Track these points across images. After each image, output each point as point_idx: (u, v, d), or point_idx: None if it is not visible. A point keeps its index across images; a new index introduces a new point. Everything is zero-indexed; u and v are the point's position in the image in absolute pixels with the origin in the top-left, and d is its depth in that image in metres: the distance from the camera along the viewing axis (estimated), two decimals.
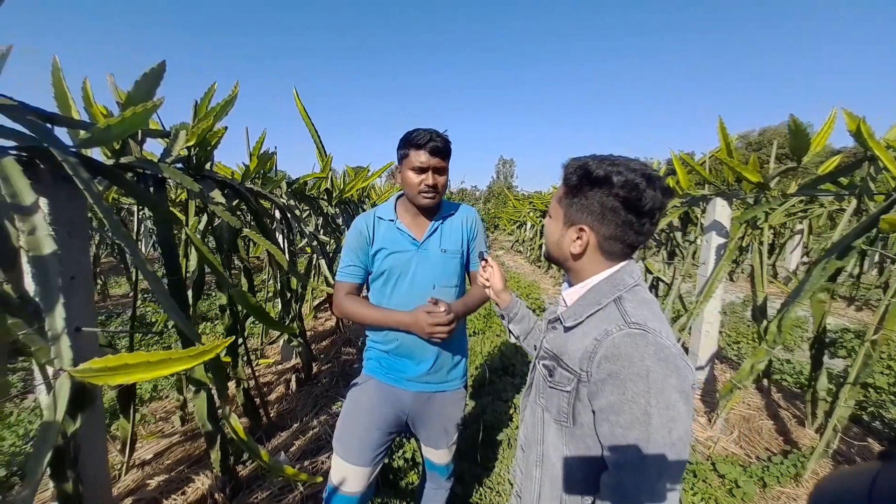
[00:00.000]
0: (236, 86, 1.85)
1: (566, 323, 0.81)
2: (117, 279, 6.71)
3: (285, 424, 2.35)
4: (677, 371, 0.67)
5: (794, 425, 2.43)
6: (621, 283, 0.78)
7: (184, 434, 2.18)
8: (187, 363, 0.84)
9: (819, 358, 2.21)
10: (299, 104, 2.91)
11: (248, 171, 2.24)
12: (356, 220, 1.36)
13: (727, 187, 2.96)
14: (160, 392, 2.75)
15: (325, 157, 3.27)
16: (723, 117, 2.64)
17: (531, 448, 0.88)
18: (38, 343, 0.89)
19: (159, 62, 1.26)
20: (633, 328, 0.70)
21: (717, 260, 2.90)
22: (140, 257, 1.09)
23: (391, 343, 1.31)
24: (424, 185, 1.22)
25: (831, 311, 5.72)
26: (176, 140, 1.58)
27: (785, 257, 7.74)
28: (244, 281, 2.39)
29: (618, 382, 0.67)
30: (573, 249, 0.80)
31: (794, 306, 2.03)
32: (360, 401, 1.32)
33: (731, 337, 4.41)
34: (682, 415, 0.66)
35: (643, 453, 0.64)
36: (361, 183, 4.18)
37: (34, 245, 0.86)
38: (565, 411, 0.78)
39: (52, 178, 1.15)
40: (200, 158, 1.77)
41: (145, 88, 1.26)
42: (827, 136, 2.21)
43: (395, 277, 1.30)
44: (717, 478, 1.96)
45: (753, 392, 2.85)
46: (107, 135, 1.16)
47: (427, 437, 1.38)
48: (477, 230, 1.40)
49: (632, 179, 0.73)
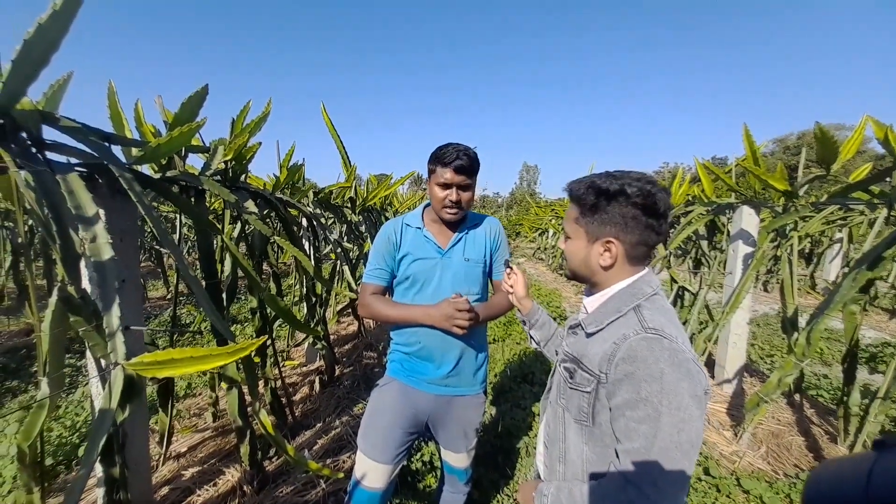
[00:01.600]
0: (269, 103, 1.98)
1: (588, 329, 0.86)
2: (154, 283, 7.11)
3: (309, 424, 2.45)
4: (690, 376, 0.70)
5: (826, 442, 2.33)
6: (640, 293, 0.82)
7: (215, 430, 2.30)
8: (226, 359, 0.93)
9: (852, 372, 2.12)
10: (326, 118, 3.05)
11: (279, 181, 2.38)
12: (385, 225, 1.44)
13: (754, 195, 2.88)
14: (194, 389, 2.91)
15: (349, 168, 3.40)
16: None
17: (554, 445, 0.93)
18: (96, 339, 1.00)
19: (202, 86, 1.38)
20: (650, 333, 0.74)
21: (745, 269, 2.83)
22: (184, 263, 1.20)
23: (413, 346, 1.36)
24: (448, 200, 1.29)
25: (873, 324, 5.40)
26: (215, 155, 1.71)
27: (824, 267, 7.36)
28: (273, 285, 2.53)
29: (633, 382, 0.72)
30: (603, 262, 0.85)
31: (823, 318, 1.96)
32: (383, 400, 1.38)
33: (765, 350, 4.24)
34: (694, 419, 0.69)
35: (650, 444, 0.68)
36: (384, 191, 4.30)
37: (95, 251, 0.98)
38: (585, 411, 0.83)
39: (109, 191, 1.29)
40: (236, 171, 1.91)
41: (189, 110, 1.39)
42: (857, 144, 2.14)
43: (419, 283, 1.36)
44: (742, 493, 1.91)
45: (784, 407, 2.74)
46: (157, 152, 1.29)
47: (447, 440, 1.42)
48: (500, 241, 1.45)
49: (644, 188, 0.80)
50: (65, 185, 0.99)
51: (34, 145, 1.06)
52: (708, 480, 1.97)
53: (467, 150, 1.29)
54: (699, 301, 3.14)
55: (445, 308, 1.25)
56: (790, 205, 2.48)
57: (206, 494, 1.75)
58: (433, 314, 1.27)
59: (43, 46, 0.88)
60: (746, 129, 2.61)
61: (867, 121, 1.91)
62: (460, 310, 1.23)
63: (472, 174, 1.30)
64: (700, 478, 1.99)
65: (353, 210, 3.86)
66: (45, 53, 0.90)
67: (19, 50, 0.84)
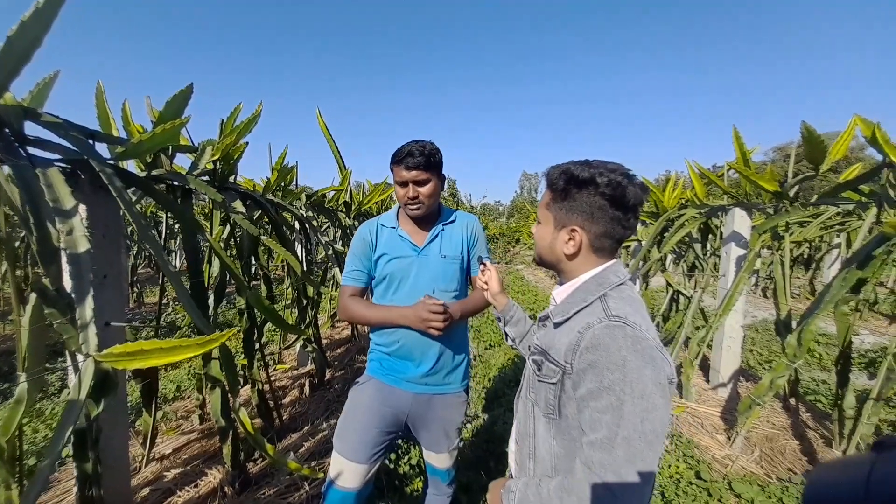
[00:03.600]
0: (260, 105, 2.00)
1: (555, 319, 0.85)
2: (153, 289, 7.12)
3: (297, 427, 2.43)
4: (653, 363, 0.69)
5: (822, 446, 2.29)
6: (607, 282, 0.81)
7: (201, 432, 2.29)
8: (195, 350, 0.92)
9: (845, 374, 2.10)
10: (321, 123, 3.08)
11: (269, 183, 2.39)
12: (360, 227, 1.44)
13: (746, 197, 2.88)
14: (182, 392, 2.90)
15: (344, 171, 3.42)
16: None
17: (524, 441, 0.92)
18: (70, 332, 1.00)
19: (187, 84, 1.40)
20: (613, 321, 0.74)
21: (737, 271, 2.82)
22: (164, 257, 1.20)
23: (393, 345, 1.36)
24: (407, 197, 1.30)
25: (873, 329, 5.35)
26: (203, 155, 1.73)
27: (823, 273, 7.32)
28: (264, 288, 2.53)
29: (596, 371, 0.71)
30: (566, 250, 0.84)
31: (814, 318, 1.94)
32: (359, 400, 1.37)
33: (763, 356, 4.19)
34: (658, 407, 0.68)
35: (613, 434, 0.67)
36: (379, 196, 4.32)
37: (71, 244, 0.98)
38: (552, 404, 0.82)
39: (91, 187, 1.30)
40: (225, 171, 1.92)
41: (174, 108, 1.41)
42: (847, 144, 2.14)
43: (396, 282, 1.36)
44: (734, 497, 1.87)
45: (779, 411, 2.70)
46: (140, 149, 1.30)
47: (428, 440, 1.40)
48: (477, 237, 1.44)
49: (614, 179, 0.78)
50: (44, 179, 1.00)
51: (16, 140, 1.08)
52: (699, 484, 1.93)
53: (423, 145, 1.29)
54: (693, 304, 3.12)
55: (420, 309, 1.24)
56: (781, 206, 2.48)
57: (187, 496, 1.73)
58: (408, 315, 1.27)
59: (25, 43, 0.90)
60: (736, 132, 2.62)
61: (856, 120, 1.91)
62: (434, 311, 1.22)
63: (427, 168, 1.28)
64: (691, 482, 1.96)
65: (347, 214, 3.88)
66: (28, 50, 0.92)
67: (1, 47, 0.86)
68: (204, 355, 1.67)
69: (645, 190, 0.81)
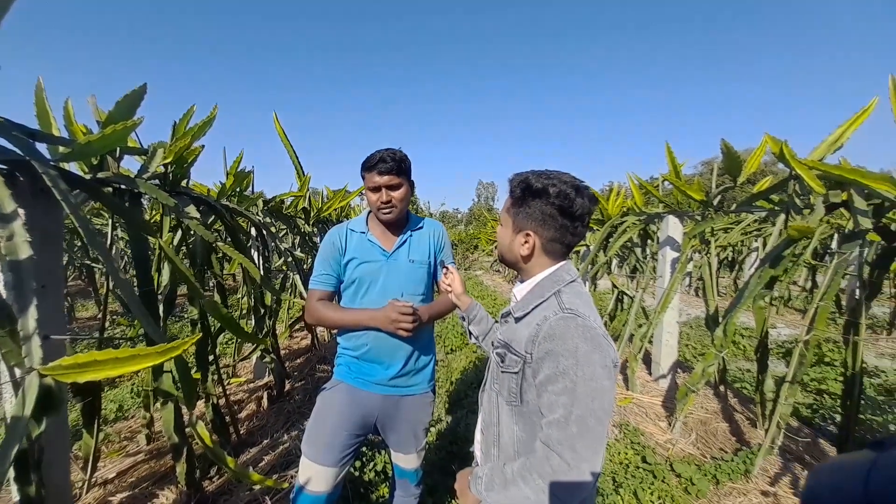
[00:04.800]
0: (215, 108, 1.94)
1: (516, 315, 0.94)
2: (84, 303, 6.47)
3: (255, 441, 2.33)
4: (600, 348, 0.79)
5: (748, 427, 2.57)
6: (560, 280, 0.91)
7: (149, 453, 2.13)
8: (156, 359, 0.89)
9: (764, 361, 2.38)
10: (279, 127, 3.03)
11: (225, 188, 2.31)
12: (330, 231, 1.46)
13: (678, 206, 3.19)
14: (126, 412, 2.68)
15: (303, 177, 3.37)
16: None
17: (489, 429, 0.99)
18: (9, 345, 0.93)
19: (141, 84, 1.35)
20: (566, 312, 0.83)
21: (672, 272, 3.10)
22: (113, 264, 1.15)
23: (361, 349, 1.37)
24: (380, 202, 1.34)
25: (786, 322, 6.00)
26: (153, 158, 1.65)
27: (744, 274, 8.18)
28: (218, 297, 2.42)
29: (552, 357, 0.79)
30: (522, 252, 0.94)
31: (736, 312, 2.20)
32: (328, 404, 1.37)
33: (697, 349, 4.60)
34: (605, 390, 0.77)
35: (568, 413, 0.76)
36: (339, 202, 4.27)
37: (12, 250, 0.92)
38: (514, 391, 0.90)
39: (31, 190, 1.21)
40: (177, 176, 1.84)
41: (125, 108, 1.35)
42: (759, 159, 2.46)
43: (365, 286, 1.38)
44: (675, 477, 2.06)
45: (711, 397, 3.00)
46: (87, 150, 1.23)
47: (397, 441, 1.43)
48: (444, 243, 1.52)
49: (564, 190, 0.88)
50: None
51: None
52: (645, 467, 2.10)
53: (393, 151, 1.34)
54: (636, 303, 3.39)
55: (389, 312, 1.28)
56: (707, 213, 2.78)
57: None
58: (378, 317, 1.30)
59: None
60: (668, 147, 2.91)
61: (767, 138, 2.20)
62: (404, 313, 1.26)
63: (399, 173, 1.34)
64: (638, 466, 2.13)
65: (306, 221, 3.80)
66: None
67: None
68: (154, 369, 1.58)
69: (593, 201, 0.91)
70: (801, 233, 1.65)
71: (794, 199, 2.23)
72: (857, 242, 1.67)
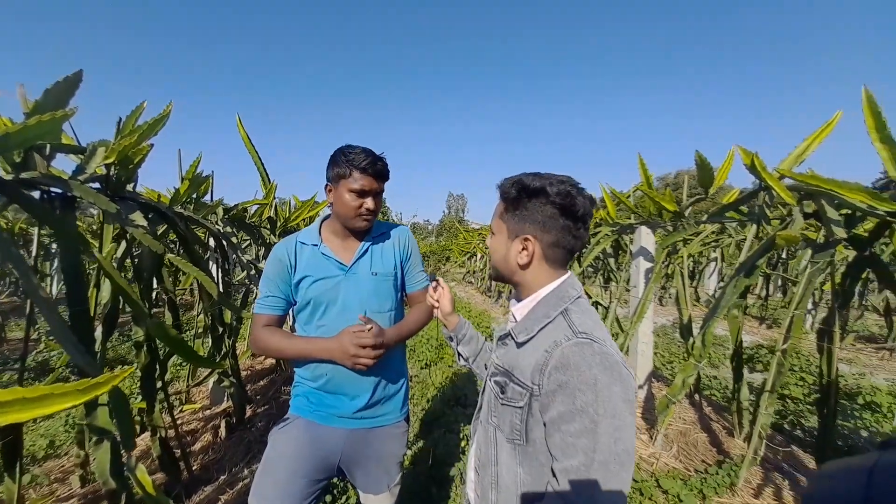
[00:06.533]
0: (169, 105, 1.75)
1: (518, 338, 0.82)
2: (19, 322, 5.82)
3: (211, 477, 2.08)
4: (622, 380, 0.69)
5: (725, 436, 2.59)
6: (566, 296, 0.81)
7: (83, 497, 1.84)
8: (75, 399, 0.71)
9: (739, 370, 2.41)
10: (242, 131, 2.83)
11: (178, 194, 2.09)
12: (276, 246, 1.26)
13: (650, 216, 3.25)
14: (58, 449, 2.35)
15: (268, 185, 3.16)
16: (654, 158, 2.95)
17: (486, 469, 0.86)
18: None
19: (76, 71, 1.17)
20: (581, 337, 0.72)
21: (646, 283, 3.13)
22: (31, 279, 0.95)
23: (320, 378, 1.20)
24: (365, 208, 1.18)
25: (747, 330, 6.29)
26: (92, 157, 1.44)
27: (704, 283, 8.58)
28: (169, 315, 2.17)
29: (567, 392, 0.68)
30: (520, 260, 0.83)
31: (714, 321, 2.21)
32: (282, 445, 1.17)
33: (665, 357, 4.70)
34: (628, 426, 0.67)
35: (589, 461, 0.65)
36: (308, 212, 4.06)
37: None
38: (518, 428, 0.77)
39: None
40: (121, 178, 1.63)
41: (56, 97, 1.16)
42: (728, 170, 2.53)
43: (322, 306, 1.20)
44: (662, 494, 2.01)
45: (687, 407, 3.02)
46: (6, 143, 1.03)
47: (366, 482, 1.24)
48: (411, 250, 1.35)
49: (564, 189, 0.79)
50: None
51: None
52: (632, 486, 2.04)
53: (381, 154, 1.20)
54: (610, 314, 3.39)
55: (345, 342, 1.10)
56: (678, 223, 2.83)
57: None
58: (332, 350, 1.12)
59: None
60: (641, 159, 2.97)
61: (736, 149, 2.26)
62: (364, 345, 1.09)
63: (386, 180, 1.23)
64: None
65: (272, 231, 3.56)
66: None
67: None
68: (87, 402, 1.35)
69: (593, 202, 0.83)
70: (787, 241, 1.66)
71: (764, 209, 2.30)
72: (830, 252, 1.71)
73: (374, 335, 1.11)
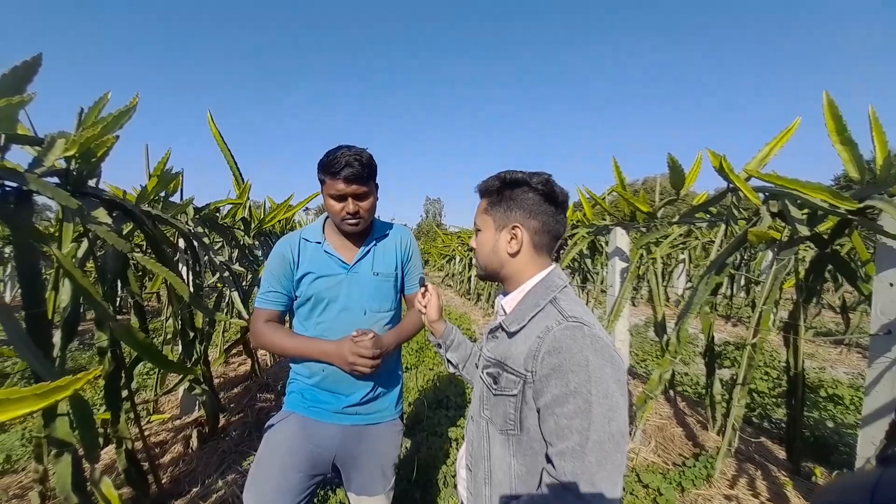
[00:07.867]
0: (136, 97, 1.66)
1: (510, 329, 0.83)
2: None
3: (182, 490, 1.97)
4: (612, 361, 0.71)
5: (700, 430, 2.67)
6: (553, 285, 0.83)
7: None
8: (34, 404, 0.65)
9: (712, 365, 2.50)
10: (214, 128, 2.72)
11: (146, 191, 1.98)
12: (279, 242, 1.27)
13: (624, 218, 3.34)
14: (14, 463, 2.21)
15: (242, 184, 3.06)
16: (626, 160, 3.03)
17: (478, 465, 0.85)
18: None
19: (34, 55, 1.09)
20: (572, 321, 0.74)
21: (622, 282, 3.21)
22: None
23: (316, 375, 1.20)
24: (345, 212, 1.18)
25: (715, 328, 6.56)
26: (51, 149, 1.35)
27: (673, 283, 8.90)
28: (135, 320, 2.05)
29: (561, 374, 0.69)
30: (510, 249, 0.85)
31: (688, 318, 2.29)
32: (277, 440, 1.17)
33: (639, 356, 4.83)
34: (620, 406, 0.68)
35: (584, 440, 0.65)
36: (283, 214, 3.96)
37: None
38: (512, 418, 0.78)
39: None
40: (83, 172, 1.53)
41: (11, 83, 1.08)
42: (697, 173, 2.63)
43: (322, 303, 1.22)
44: (643, 488, 2.05)
45: (663, 402, 3.10)
46: None
47: (361, 483, 1.23)
48: (411, 252, 1.37)
49: (543, 177, 0.85)
50: None
51: None
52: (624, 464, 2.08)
53: (359, 154, 1.15)
54: None
55: (345, 349, 1.12)
56: (652, 224, 2.93)
57: None
58: (331, 353, 1.13)
59: None
60: (615, 162, 3.05)
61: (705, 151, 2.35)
62: (362, 355, 1.11)
63: (367, 180, 1.17)
64: None
65: (246, 232, 3.44)
66: None
67: None
68: (45, 412, 1.25)
69: (565, 194, 0.89)
70: (759, 238, 1.74)
71: (732, 210, 2.40)
72: (793, 249, 1.80)
73: (372, 346, 1.13)
